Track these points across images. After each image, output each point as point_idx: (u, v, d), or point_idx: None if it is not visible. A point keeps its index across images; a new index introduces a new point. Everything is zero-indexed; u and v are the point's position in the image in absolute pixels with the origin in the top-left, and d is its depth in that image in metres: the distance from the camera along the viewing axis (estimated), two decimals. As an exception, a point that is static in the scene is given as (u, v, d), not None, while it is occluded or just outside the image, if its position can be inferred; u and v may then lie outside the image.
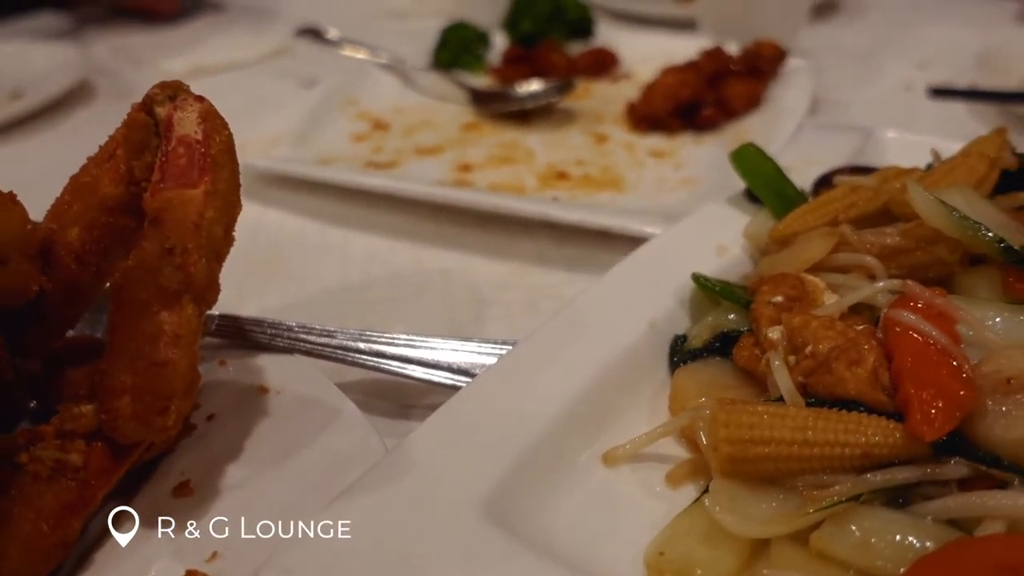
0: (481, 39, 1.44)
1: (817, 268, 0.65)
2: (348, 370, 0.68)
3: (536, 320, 0.75)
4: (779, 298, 0.61)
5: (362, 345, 0.68)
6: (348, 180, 0.97)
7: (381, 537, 0.47)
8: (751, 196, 0.79)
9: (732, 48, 1.28)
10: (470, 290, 0.85)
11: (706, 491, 0.52)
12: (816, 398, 0.53)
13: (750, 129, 1.12)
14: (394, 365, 0.67)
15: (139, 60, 1.69)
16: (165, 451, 0.57)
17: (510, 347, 0.65)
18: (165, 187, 0.52)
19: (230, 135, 0.55)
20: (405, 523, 0.48)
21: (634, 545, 0.51)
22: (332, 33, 1.47)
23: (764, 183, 0.77)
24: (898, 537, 0.45)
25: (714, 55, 1.25)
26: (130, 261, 0.52)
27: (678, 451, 0.59)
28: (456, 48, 1.41)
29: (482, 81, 1.37)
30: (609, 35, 1.50)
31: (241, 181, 0.56)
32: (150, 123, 0.56)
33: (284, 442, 0.58)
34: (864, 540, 0.46)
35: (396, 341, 0.69)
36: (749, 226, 0.75)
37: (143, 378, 0.49)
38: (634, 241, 0.79)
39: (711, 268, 0.71)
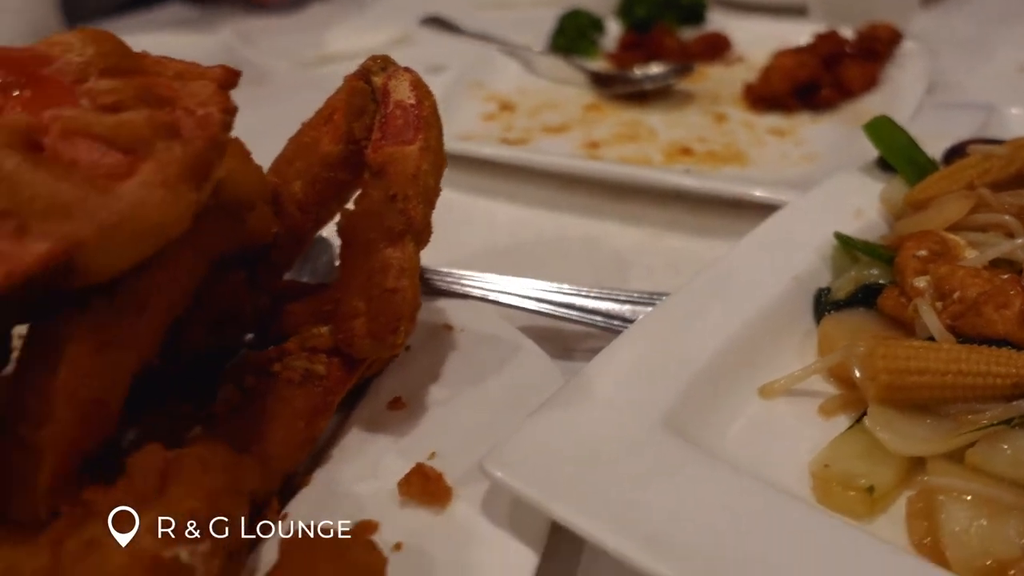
0: (596, 25, 1.51)
1: (955, 228, 0.70)
2: (513, 315, 0.76)
3: (678, 279, 0.82)
4: (923, 252, 0.66)
5: (528, 292, 0.76)
6: (502, 155, 1.05)
7: (580, 442, 0.54)
8: (883, 165, 0.83)
9: (846, 31, 1.32)
10: (612, 253, 0.92)
11: (861, 418, 0.58)
12: (964, 338, 0.59)
13: (868, 108, 1.16)
14: (559, 311, 0.75)
15: (267, 48, 1.81)
16: (375, 374, 0.66)
17: (663, 297, 0.72)
18: (385, 144, 0.61)
19: (435, 101, 0.64)
20: (597, 431, 0.55)
21: (796, 462, 0.57)
22: (455, 21, 1.56)
23: (898, 152, 0.81)
24: (1050, 454, 0.51)
25: (829, 38, 1.29)
26: (355, 208, 0.61)
27: (827, 389, 0.65)
28: (572, 34, 1.48)
29: (598, 66, 1.44)
30: (720, 21, 1.55)
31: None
32: (368, 90, 0.64)
33: (473, 370, 0.66)
34: (1017, 457, 0.51)
35: (558, 289, 0.76)
36: (884, 191, 0.80)
37: (376, 303, 0.57)
38: (764, 209, 0.85)
39: (849, 230, 0.76)
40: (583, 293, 0.76)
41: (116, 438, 0.50)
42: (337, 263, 0.83)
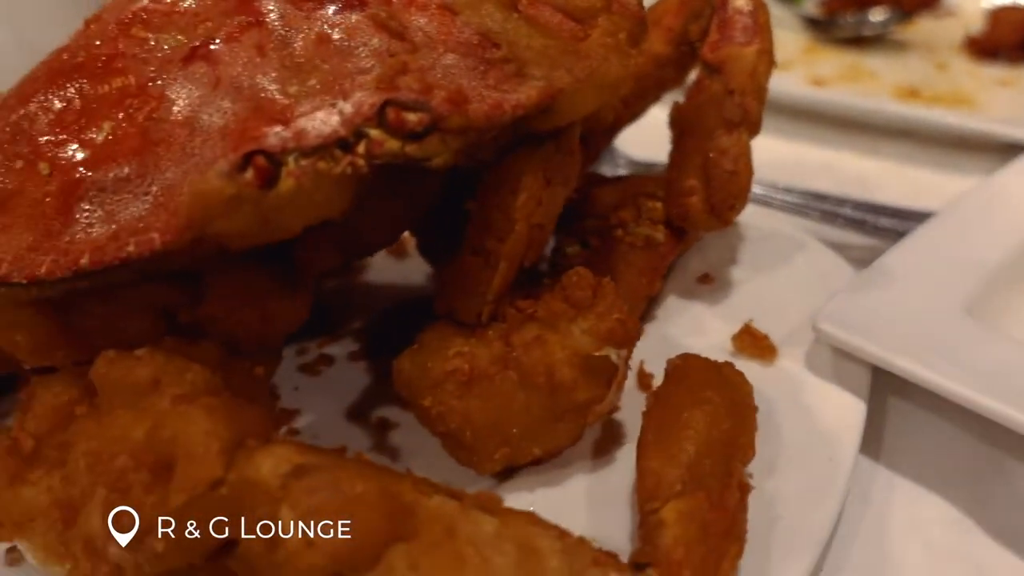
0: (804, -28, 1.54)
1: None
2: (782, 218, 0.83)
3: (924, 204, 0.87)
4: None
5: (790, 199, 0.83)
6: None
7: (892, 311, 0.62)
8: None
9: (1072, -10, 1.32)
10: (855, 180, 0.98)
11: None
12: None
13: (1098, 65, 1.17)
14: (823, 218, 0.82)
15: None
16: (679, 254, 0.74)
17: (929, 215, 0.77)
18: (723, 44, 0.68)
19: (769, 12, 0.71)
20: (906, 305, 0.62)
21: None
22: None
23: None
24: None
25: (1055, -5, 1.29)
26: (688, 101, 0.69)
27: (1100, 306, 0.70)
28: (784, -20, 1.51)
29: (810, 11, 1.47)
30: (930, -26, 1.55)
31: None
32: (706, -4, 0.72)
33: (768, 258, 0.73)
34: None
35: (821, 196, 0.83)
36: None
37: (715, 182, 0.65)
38: (997, 148, 0.90)
39: (1117, 167, 0.80)
40: (848, 203, 0.83)
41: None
42: (617, 167, 0.92)
